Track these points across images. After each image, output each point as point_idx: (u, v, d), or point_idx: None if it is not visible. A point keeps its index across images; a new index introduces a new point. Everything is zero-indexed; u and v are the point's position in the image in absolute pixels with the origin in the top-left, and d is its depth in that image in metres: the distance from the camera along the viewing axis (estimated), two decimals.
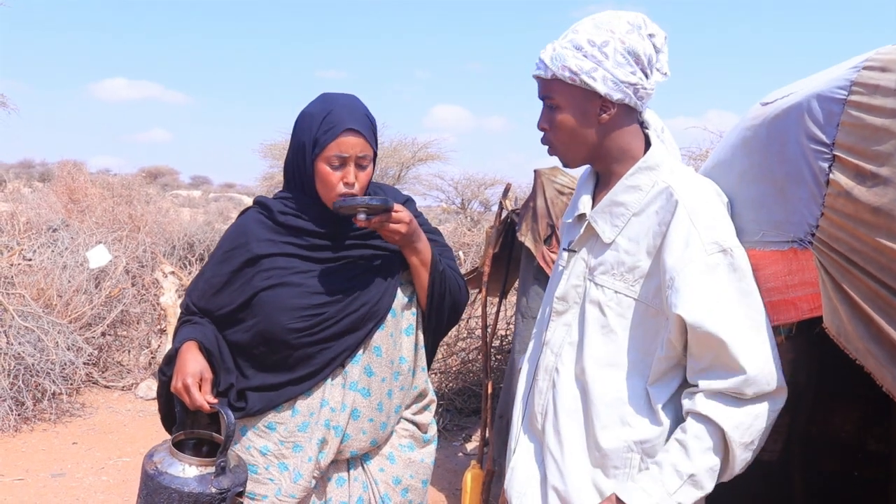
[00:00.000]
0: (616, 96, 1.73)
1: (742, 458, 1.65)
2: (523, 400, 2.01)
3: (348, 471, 2.15)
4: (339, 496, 2.12)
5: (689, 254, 1.64)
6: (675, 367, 1.74)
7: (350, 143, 1.98)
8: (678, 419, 1.72)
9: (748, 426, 1.63)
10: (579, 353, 1.81)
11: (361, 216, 1.93)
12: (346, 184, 1.99)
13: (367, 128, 2.03)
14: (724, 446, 1.64)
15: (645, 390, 1.75)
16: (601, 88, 1.72)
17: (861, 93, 1.48)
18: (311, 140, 2.00)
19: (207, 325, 2.10)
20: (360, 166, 2.01)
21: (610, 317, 1.77)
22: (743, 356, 1.60)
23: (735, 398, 1.63)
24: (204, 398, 1.92)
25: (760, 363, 1.61)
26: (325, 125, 1.98)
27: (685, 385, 1.74)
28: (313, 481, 2.07)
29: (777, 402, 1.65)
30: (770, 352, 1.63)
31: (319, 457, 2.06)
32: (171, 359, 2.05)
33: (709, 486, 1.66)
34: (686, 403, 1.68)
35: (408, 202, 2.21)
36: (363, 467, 2.16)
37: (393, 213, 1.97)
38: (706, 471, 1.64)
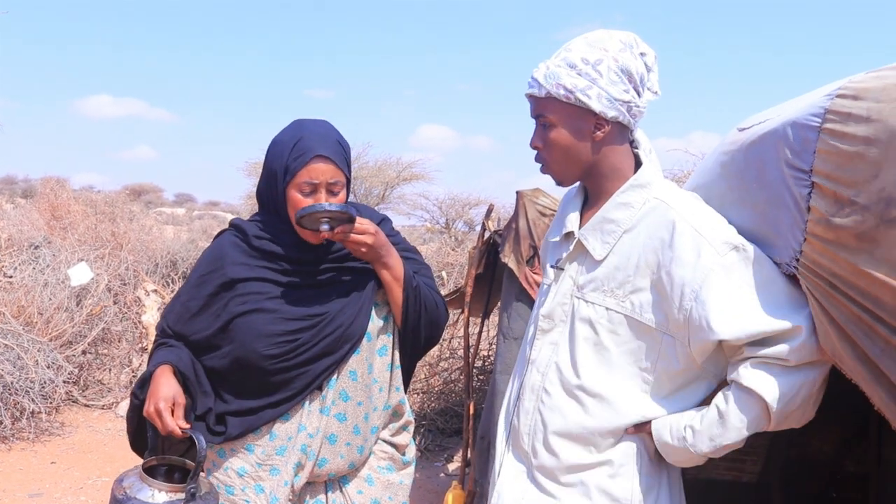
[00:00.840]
0: (610, 114, 1.74)
1: (782, 421, 1.69)
2: (506, 421, 2.00)
3: (326, 493, 2.14)
4: None
5: (704, 262, 1.65)
6: (695, 381, 1.77)
7: (320, 170, 1.97)
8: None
9: (791, 398, 1.64)
10: (573, 371, 1.82)
11: (324, 226, 1.92)
12: None
13: (338, 154, 2.01)
14: (765, 415, 1.67)
15: (642, 404, 1.78)
16: (596, 106, 1.73)
17: (835, 120, 1.51)
18: (282, 167, 1.99)
19: (183, 348, 2.08)
20: (331, 192, 2.00)
21: (602, 334, 1.78)
22: (783, 329, 1.62)
23: (780, 366, 1.64)
24: (176, 423, 1.90)
25: (802, 335, 1.61)
26: (295, 152, 1.97)
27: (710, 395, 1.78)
28: (275, 496, 2.05)
29: (821, 369, 1.65)
30: (808, 324, 1.62)
31: (295, 480, 2.05)
32: (144, 382, 2.02)
33: (740, 444, 1.73)
34: (730, 372, 1.70)
35: (383, 221, 2.20)
36: (341, 490, 2.15)
37: (356, 224, 1.96)
38: (740, 439, 1.71)
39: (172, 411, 1.92)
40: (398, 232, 2.26)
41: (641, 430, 1.78)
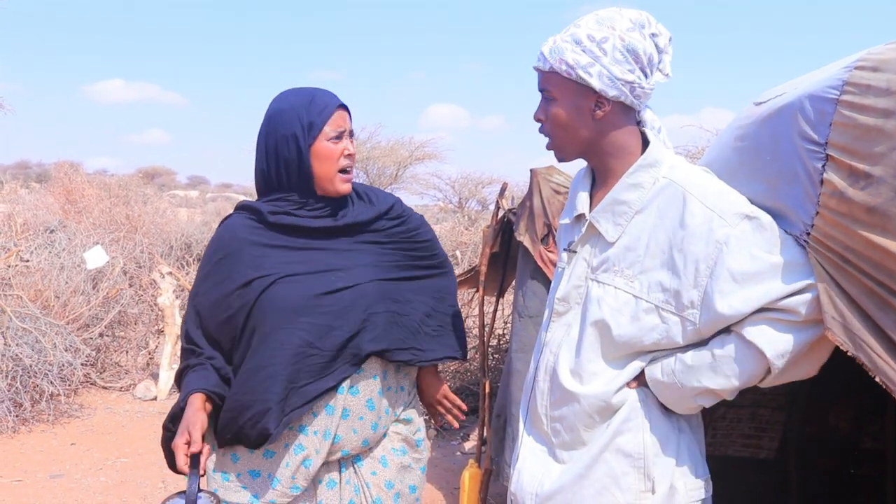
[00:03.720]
0: (611, 93, 1.72)
1: (780, 377, 1.67)
2: (524, 402, 2.01)
3: (339, 473, 2.13)
4: (329, 499, 2.10)
5: (717, 235, 1.63)
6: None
7: (344, 118, 2.08)
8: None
9: (795, 355, 1.63)
10: (577, 349, 1.82)
11: None
12: (348, 155, 2.07)
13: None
14: (762, 370, 1.66)
15: (635, 368, 1.78)
16: (596, 84, 1.71)
17: (853, 92, 1.49)
18: (304, 126, 2.02)
19: (209, 363, 2.03)
20: (349, 137, 2.11)
21: (605, 312, 1.77)
22: (799, 288, 1.60)
23: (788, 322, 1.62)
24: (183, 462, 1.85)
25: (817, 290, 1.59)
26: (316, 108, 2.04)
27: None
28: (296, 487, 2.04)
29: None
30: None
31: (306, 464, 2.04)
32: (175, 417, 1.99)
33: (732, 396, 1.74)
34: (733, 324, 1.68)
35: (423, 227, 2.28)
36: (355, 470, 2.14)
37: None
38: (728, 388, 1.70)
39: (189, 443, 1.87)
40: (433, 234, 2.32)
41: (641, 380, 1.79)
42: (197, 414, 1.92)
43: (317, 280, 2.03)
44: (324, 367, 2.00)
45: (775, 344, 1.62)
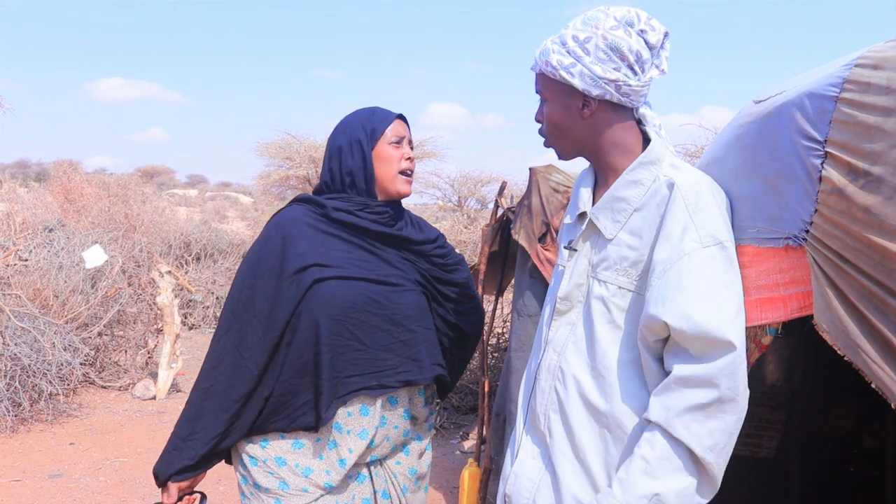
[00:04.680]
0: (594, 92, 1.73)
1: (720, 467, 1.61)
2: (524, 402, 1.99)
3: (368, 467, 2.18)
4: (362, 491, 2.15)
5: (685, 245, 1.63)
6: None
7: (404, 127, 2.23)
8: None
9: (723, 446, 1.59)
10: (589, 350, 1.80)
11: None
12: (408, 159, 2.21)
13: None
14: (696, 466, 1.60)
15: (642, 393, 1.74)
16: (578, 84, 1.73)
17: (853, 90, 1.49)
18: (367, 132, 2.17)
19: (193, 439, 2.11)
20: (408, 145, 2.24)
21: (614, 312, 1.76)
22: (719, 339, 1.57)
23: (707, 412, 1.58)
24: None
25: (732, 352, 1.57)
26: (379, 117, 2.21)
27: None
28: (329, 483, 2.07)
29: (742, 410, 1.61)
30: (740, 345, 1.58)
31: (341, 463, 2.07)
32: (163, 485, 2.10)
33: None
34: (655, 411, 1.62)
35: (462, 263, 2.36)
36: (381, 463, 2.20)
37: None
38: (675, 493, 1.59)
39: None
40: (470, 277, 2.39)
41: None
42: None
43: (371, 281, 2.11)
44: (369, 364, 2.07)
45: (701, 436, 1.58)
